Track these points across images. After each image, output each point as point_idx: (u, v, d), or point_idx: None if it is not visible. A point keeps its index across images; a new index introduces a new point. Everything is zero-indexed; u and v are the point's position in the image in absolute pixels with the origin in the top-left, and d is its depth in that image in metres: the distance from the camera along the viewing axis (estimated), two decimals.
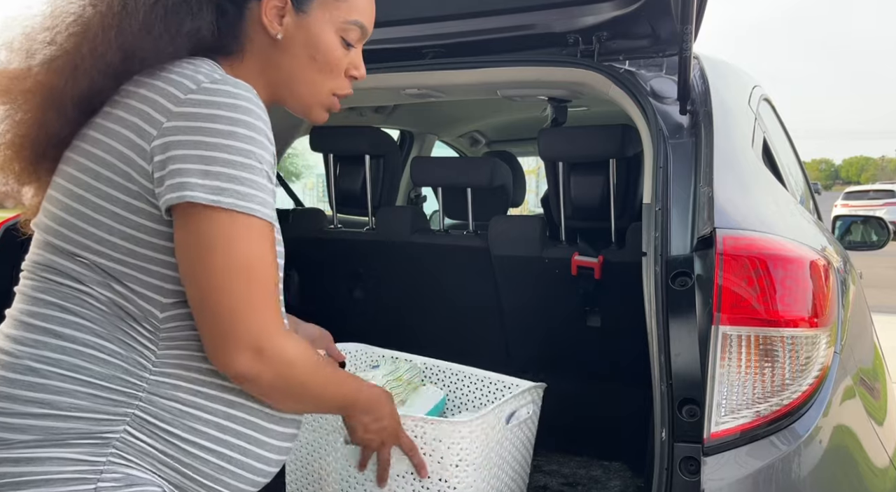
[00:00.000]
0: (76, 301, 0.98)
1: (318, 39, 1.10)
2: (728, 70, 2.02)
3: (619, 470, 2.41)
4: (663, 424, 1.30)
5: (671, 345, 1.33)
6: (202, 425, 1.00)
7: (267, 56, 1.10)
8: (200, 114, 0.94)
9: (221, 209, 0.92)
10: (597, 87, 1.86)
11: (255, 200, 0.95)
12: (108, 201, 0.97)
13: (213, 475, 1.01)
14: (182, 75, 0.98)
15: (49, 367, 0.96)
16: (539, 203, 3.66)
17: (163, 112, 0.95)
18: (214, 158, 0.92)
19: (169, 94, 0.96)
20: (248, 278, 0.94)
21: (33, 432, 0.93)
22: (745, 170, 1.62)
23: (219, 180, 0.92)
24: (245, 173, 0.94)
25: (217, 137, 0.93)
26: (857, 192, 22.92)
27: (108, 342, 0.97)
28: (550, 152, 2.33)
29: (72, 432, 0.94)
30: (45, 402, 0.94)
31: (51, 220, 1.02)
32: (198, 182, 0.92)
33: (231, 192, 0.93)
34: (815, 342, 1.30)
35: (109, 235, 0.97)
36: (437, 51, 2.06)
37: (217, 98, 0.95)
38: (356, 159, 2.67)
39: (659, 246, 1.43)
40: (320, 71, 1.12)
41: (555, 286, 2.35)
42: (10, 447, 0.93)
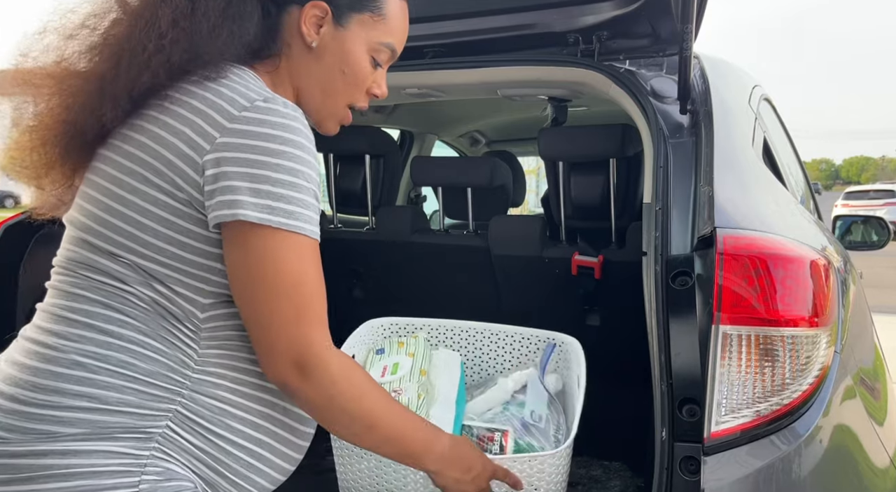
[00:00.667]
0: (119, 300, 1.00)
1: (351, 54, 1.14)
2: (728, 70, 2.02)
3: (619, 470, 2.41)
4: (663, 423, 1.30)
5: (671, 344, 1.33)
6: (238, 423, 1.03)
7: (299, 64, 1.13)
8: (253, 132, 0.96)
9: (271, 228, 0.95)
10: (597, 86, 1.86)
11: (303, 218, 0.97)
12: (155, 206, 0.99)
13: (243, 473, 1.04)
14: (233, 90, 1.01)
15: (96, 362, 0.97)
16: (539, 203, 3.66)
17: (216, 127, 0.97)
18: (266, 177, 0.95)
19: (222, 110, 0.98)
20: (294, 294, 0.97)
21: (81, 425, 0.95)
22: (745, 169, 1.62)
23: (269, 199, 0.95)
24: (294, 192, 0.96)
25: (268, 156, 0.95)
26: (857, 192, 22.93)
27: (152, 340, 1.00)
28: (550, 152, 2.33)
29: (118, 426, 0.96)
30: (93, 396, 0.96)
31: (89, 218, 1.03)
32: (249, 200, 0.94)
33: (280, 211, 0.95)
34: (816, 342, 1.30)
35: (154, 239, 0.99)
36: (438, 50, 2.06)
37: (269, 117, 0.97)
38: (356, 159, 2.67)
39: (659, 245, 1.43)
40: (346, 84, 1.15)
41: (555, 286, 2.35)
42: (57, 440, 0.94)
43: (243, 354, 1.05)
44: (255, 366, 1.05)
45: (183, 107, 1.01)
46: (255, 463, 1.04)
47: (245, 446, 1.03)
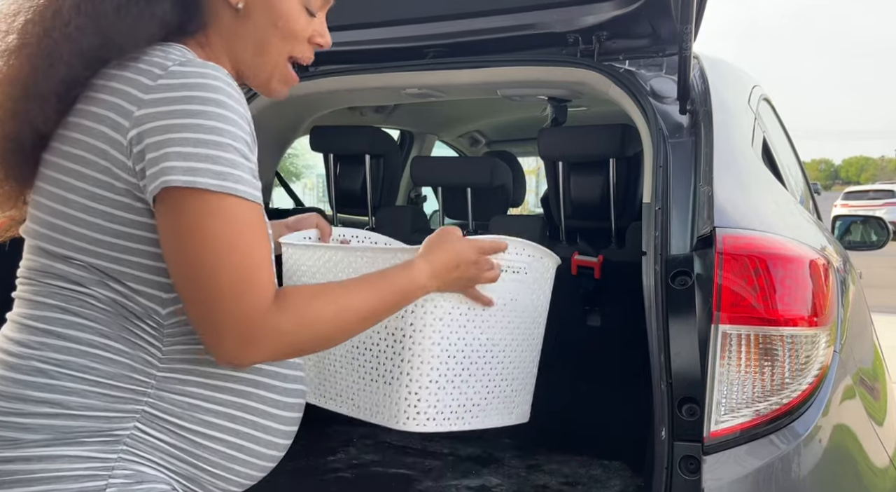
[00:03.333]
0: (78, 303, 0.98)
1: (280, 6, 1.08)
2: (728, 70, 2.02)
3: (619, 470, 2.41)
4: (663, 423, 1.30)
5: (671, 344, 1.33)
6: (212, 416, 1.01)
7: (230, 29, 1.08)
8: (169, 98, 0.92)
9: (197, 191, 0.90)
10: (597, 86, 1.86)
11: (232, 178, 0.91)
12: (95, 201, 0.96)
13: (224, 464, 1.02)
14: (150, 63, 0.96)
15: (56, 368, 0.96)
16: (539, 203, 3.66)
17: (134, 101, 0.93)
18: (186, 139, 0.90)
19: (138, 83, 0.94)
20: (229, 261, 0.91)
21: (44, 431, 0.93)
22: (744, 169, 1.62)
23: (193, 161, 0.90)
24: (220, 152, 0.91)
25: (187, 117, 0.91)
26: (856, 192, 22.93)
27: (113, 342, 0.97)
28: (550, 152, 2.33)
29: (83, 430, 0.94)
30: (55, 402, 0.94)
31: (40, 225, 1.00)
32: (173, 165, 0.89)
33: (207, 171, 0.90)
34: (815, 342, 1.30)
35: (102, 235, 0.96)
36: (438, 50, 2.06)
37: (185, 80, 0.93)
38: (356, 159, 2.67)
39: (659, 245, 1.43)
40: (283, 38, 1.10)
41: (555, 286, 2.35)
42: (21, 447, 0.93)
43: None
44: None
45: (104, 91, 0.97)
46: (235, 454, 1.03)
47: (222, 438, 1.01)
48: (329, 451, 2.54)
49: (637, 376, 1.71)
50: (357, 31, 2.03)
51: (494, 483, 2.32)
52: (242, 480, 1.05)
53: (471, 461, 2.49)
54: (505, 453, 2.55)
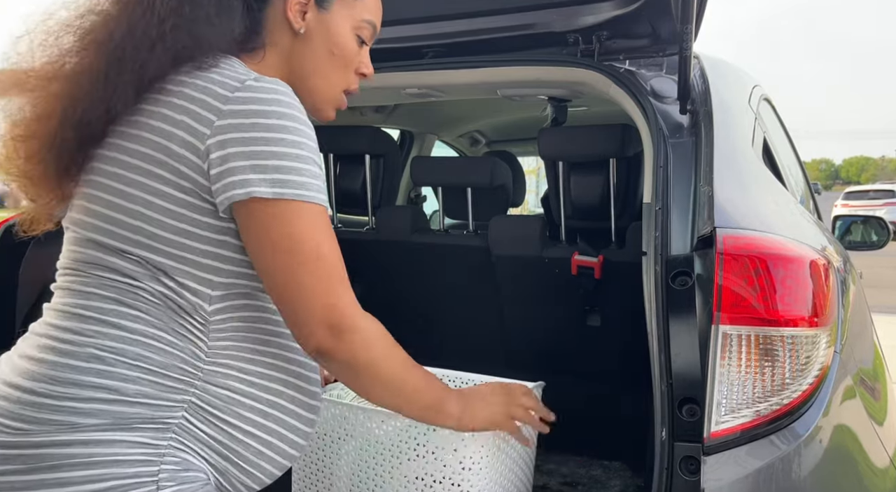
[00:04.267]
0: (131, 296, 1.02)
1: (338, 36, 1.17)
2: (728, 70, 2.02)
3: (619, 470, 2.41)
4: (663, 423, 1.30)
5: (671, 344, 1.33)
6: (248, 411, 1.06)
7: (287, 51, 1.16)
8: (249, 110, 0.98)
9: (285, 201, 0.98)
10: (597, 86, 1.86)
11: (313, 188, 1.00)
12: (160, 197, 1.00)
13: (253, 460, 1.07)
14: (224, 75, 1.02)
15: (114, 355, 1.00)
16: (539, 203, 3.66)
17: (213, 111, 0.99)
18: (272, 152, 0.97)
19: (216, 94, 1.00)
20: (319, 262, 1.00)
21: (102, 416, 0.97)
22: (745, 169, 1.62)
23: (279, 173, 0.97)
24: (301, 164, 0.99)
25: (269, 131, 0.98)
26: (857, 192, 22.92)
27: (165, 334, 1.02)
28: (550, 152, 2.33)
29: (137, 416, 0.99)
30: (112, 388, 0.98)
31: (94, 218, 1.05)
32: (259, 177, 0.97)
33: (292, 183, 0.98)
34: (815, 342, 1.30)
35: (161, 231, 1.01)
36: (438, 50, 2.06)
37: (262, 95, 1.00)
38: (356, 159, 2.67)
39: (659, 245, 1.43)
40: (336, 66, 1.19)
41: (555, 286, 2.35)
42: (79, 430, 0.96)
43: (250, 344, 1.08)
44: (261, 356, 1.08)
45: (177, 97, 1.02)
46: (263, 450, 1.07)
47: (254, 433, 1.06)
48: None
49: (637, 376, 1.71)
50: None
51: None
52: (264, 477, 1.10)
53: None
54: None
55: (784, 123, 2.63)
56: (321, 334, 1.01)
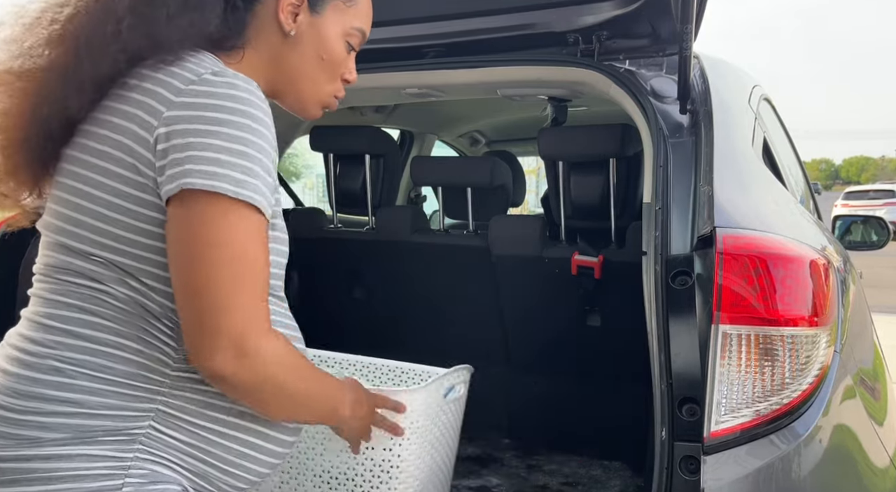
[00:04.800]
0: (95, 301, 0.99)
1: (328, 40, 1.15)
2: (728, 70, 2.02)
3: (619, 470, 2.42)
4: (663, 423, 1.30)
5: (671, 344, 1.33)
6: (224, 413, 1.02)
7: (274, 52, 1.13)
8: (199, 103, 0.95)
9: (215, 194, 0.91)
10: (597, 86, 1.86)
11: (250, 188, 0.93)
12: (120, 197, 0.97)
13: (235, 461, 1.04)
14: (183, 68, 0.99)
15: (74, 367, 0.97)
16: (539, 203, 3.66)
17: (164, 102, 0.96)
18: (211, 144, 0.92)
19: (171, 86, 0.97)
20: (235, 271, 0.92)
21: (63, 430, 0.95)
22: (745, 169, 1.62)
23: (215, 166, 0.91)
24: (242, 161, 0.93)
25: (215, 125, 0.93)
26: (857, 192, 22.91)
27: (129, 341, 0.99)
28: (550, 152, 2.33)
29: (101, 429, 0.96)
30: (74, 401, 0.96)
31: (61, 221, 1.02)
32: (193, 168, 0.91)
33: (226, 177, 0.91)
34: (815, 342, 1.30)
35: (124, 232, 0.98)
36: (438, 50, 2.06)
37: (217, 89, 0.96)
38: (356, 159, 2.67)
39: (659, 245, 1.43)
40: (324, 71, 1.16)
41: (555, 286, 2.35)
42: (41, 445, 0.94)
43: None
44: None
45: (135, 91, 0.99)
46: (246, 450, 1.04)
47: (234, 435, 1.03)
48: None
49: (637, 375, 1.71)
50: None
51: (494, 483, 2.32)
52: (251, 476, 1.07)
53: (471, 461, 2.49)
54: (505, 453, 2.55)
55: (784, 122, 2.63)
56: (221, 353, 0.92)
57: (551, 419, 2.59)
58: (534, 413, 2.61)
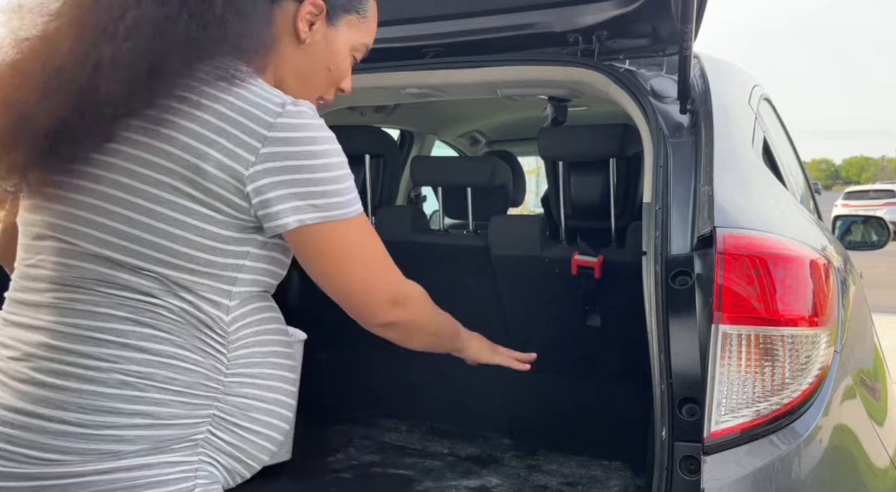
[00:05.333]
0: (149, 314, 1.01)
1: (339, 53, 1.19)
2: (728, 69, 2.02)
3: (619, 470, 2.41)
4: (663, 423, 1.30)
5: (671, 344, 1.33)
6: (257, 412, 1.07)
7: (286, 57, 1.14)
8: (294, 139, 1.00)
9: (333, 222, 1.03)
10: (597, 86, 1.86)
11: (355, 201, 1.06)
12: (188, 215, 0.99)
13: (255, 454, 1.09)
14: (254, 93, 1.01)
15: (142, 380, 0.99)
16: (539, 203, 3.66)
17: (255, 137, 0.99)
18: (319, 178, 1.01)
19: (257, 118, 0.99)
20: (370, 261, 1.10)
21: (141, 442, 0.99)
22: (745, 169, 1.62)
23: (324, 198, 1.02)
24: (340, 184, 1.04)
25: (312, 159, 1.01)
26: (857, 192, 22.91)
27: (188, 352, 1.02)
28: (550, 152, 2.33)
29: (172, 437, 1.00)
30: (147, 413, 0.99)
31: (107, 233, 1.00)
32: (306, 204, 1.01)
33: (335, 205, 1.03)
34: (815, 342, 1.30)
35: (185, 248, 1.00)
36: (438, 50, 2.06)
37: (304, 121, 1.01)
38: (356, 159, 2.66)
39: (659, 245, 1.43)
40: (327, 81, 1.20)
41: (555, 286, 2.35)
42: (122, 458, 0.98)
43: (259, 348, 1.09)
44: (267, 357, 1.10)
45: (206, 112, 0.99)
46: (263, 443, 1.09)
47: (260, 431, 1.08)
48: (329, 451, 2.54)
49: (637, 375, 1.71)
50: None
51: (494, 483, 2.32)
52: (258, 465, 1.12)
53: (471, 461, 2.49)
54: (505, 453, 2.55)
55: (784, 122, 2.63)
56: (387, 311, 1.12)
57: (551, 419, 2.59)
58: (534, 413, 2.61)
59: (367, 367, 2.72)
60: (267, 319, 1.11)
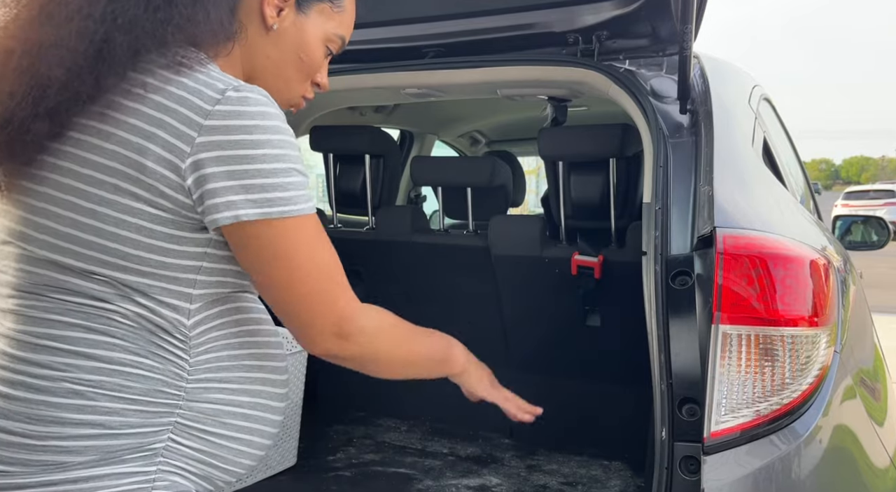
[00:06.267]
0: (101, 321, 0.96)
1: (309, 43, 1.13)
2: (728, 69, 2.02)
3: (619, 470, 2.41)
4: (663, 423, 1.30)
5: (671, 344, 1.33)
6: (231, 418, 1.04)
7: (254, 45, 1.09)
8: (232, 126, 0.93)
9: (273, 220, 0.95)
10: (597, 86, 1.86)
11: (301, 200, 0.97)
12: (132, 215, 0.94)
13: (234, 459, 1.05)
14: (197, 82, 0.95)
15: (93, 388, 0.95)
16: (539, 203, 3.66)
17: (192, 126, 0.93)
18: (256, 170, 0.93)
19: (193, 106, 0.93)
20: (316, 272, 1.00)
21: (89, 452, 0.94)
22: (745, 169, 1.62)
23: (264, 192, 0.94)
24: (284, 178, 0.95)
25: (252, 148, 0.93)
26: (857, 192, 22.92)
27: (143, 358, 0.97)
28: (550, 152, 2.33)
29: (125, 447, 0.96)
30: (96, 423, 0.95)
31: (52, 236, 0.96)
32: (243, 198, 0.93)
33: (278, 200, 0.95)
34: (815, 342, 1.30)
35: (136, 250, 0.95)
36: (438, 50, 2.06)
37: (244, 107, 0.94)
38: (356, 159, 2.67)
39: (659, 245, 1.43)
40: (300, 71, 1.15)
41: (555, 286, 2.35)
42: (68, 469, 0.94)
43: (229, 351, 1.04)
44: (240, 360, 1.05)
45: (147, 104, 0.94)
46: (243, 448, 1.06)
47: (236, 436, 1.05)
48: (329, 451, 2.54)
49: (637, 376, 1.71)
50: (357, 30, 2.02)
51: (494, 483, 2.32)
52: (241, 470, 1.09)
53: (471, 461, 2.49)
54: (505, 453, 2.55)
55: (784, 122, 2.63)
56: (327, 340, 1.03)
57: (551, 419, 2.58)
58: None
59: None
60: (241, 320, 1.06)
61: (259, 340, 1.08)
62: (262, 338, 1.09)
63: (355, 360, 1.07)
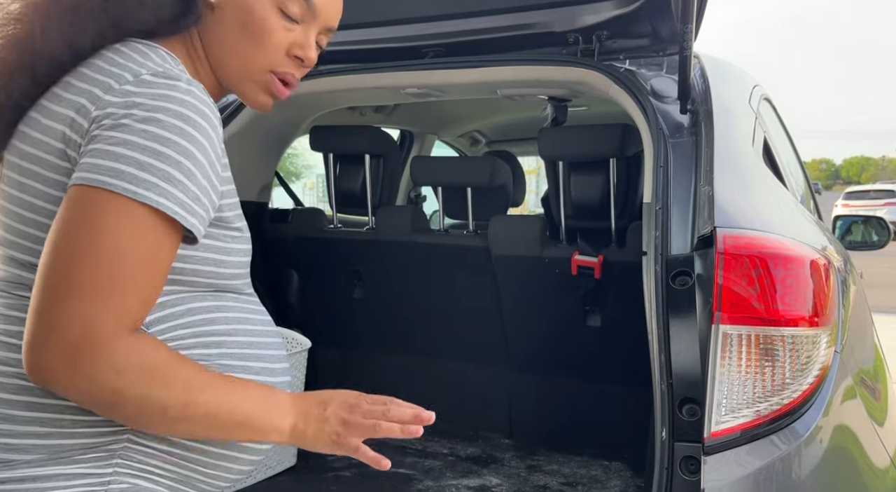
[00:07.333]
0: None
1: (251, 5, 1.02)
2: (728, 69, 2.02)
3: (619, 470, 2.41)
4: (663, 423, 1.30)
5: (671, 344, 1.33)
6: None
7: (207, 29, 1.03)
8: (128, 102, 0.87)
9: (109, 192, 0.82)
10: (597, 86, 1.86)
11: (158, 192, 0.83)
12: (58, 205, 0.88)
13: (214, 462, 1.00)
14: (123, 68, 0.92)
15: None
16: (539, 203, 3.66)
17: (95, 101, 0.88)
18: (126, 140, 0.84)
19: (105, 85, 0.89)
20: (105, 265, 0.82)
21: (37, 451, 0.90)
22: (745, 169, 1.62)
23: (118, 163, 0.83)
24: (155, 160, 0.84)
25: (137, 122, 0.85)
26: (857, 192, 22.92)
27: None
28: (551, 152, 2.33)
29: (76, 447, 0.91)
30: (46, 420, 0.90)
31: (8, 232, 0.94)
32: (97, 163, 0.84)
33: (108, 170, 0.83)
34: (816, 342, 1.30)
35: None
36: (437, 50, 2.06)
37: (150, 89, 0.87)
38: (356, 159, 2.67)
39: (659, 245, 1.43)
40: (252, 41, 1.02)
41: (555, 286, 2.35)
42: (14, 467, 0.89)
43: (200, 350, 0.96)
44: (222, 360, 0.98)
45: (70, 91, 0.91)
46: (225, 451, 1.00)
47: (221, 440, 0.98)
48: None
49: (637, 376, 1.71)
50: (357, 30, 2.03)
51: (494, 483, 2.32)
52: (231, 475, 1.04)
53: (471, 461, 2.49)
54: (505, 453, 2.55)
55: (784, 122, 2.63)
56: (54, 353, 0.81)
57: (551, 419, 2.59)
58: (534, 413, 2.61)
59: (366, 366, 2.72)
60: (217, 319, 0.98)
61: (239, 339, 1.00)
62: (246, 338, 1.01)
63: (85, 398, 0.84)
